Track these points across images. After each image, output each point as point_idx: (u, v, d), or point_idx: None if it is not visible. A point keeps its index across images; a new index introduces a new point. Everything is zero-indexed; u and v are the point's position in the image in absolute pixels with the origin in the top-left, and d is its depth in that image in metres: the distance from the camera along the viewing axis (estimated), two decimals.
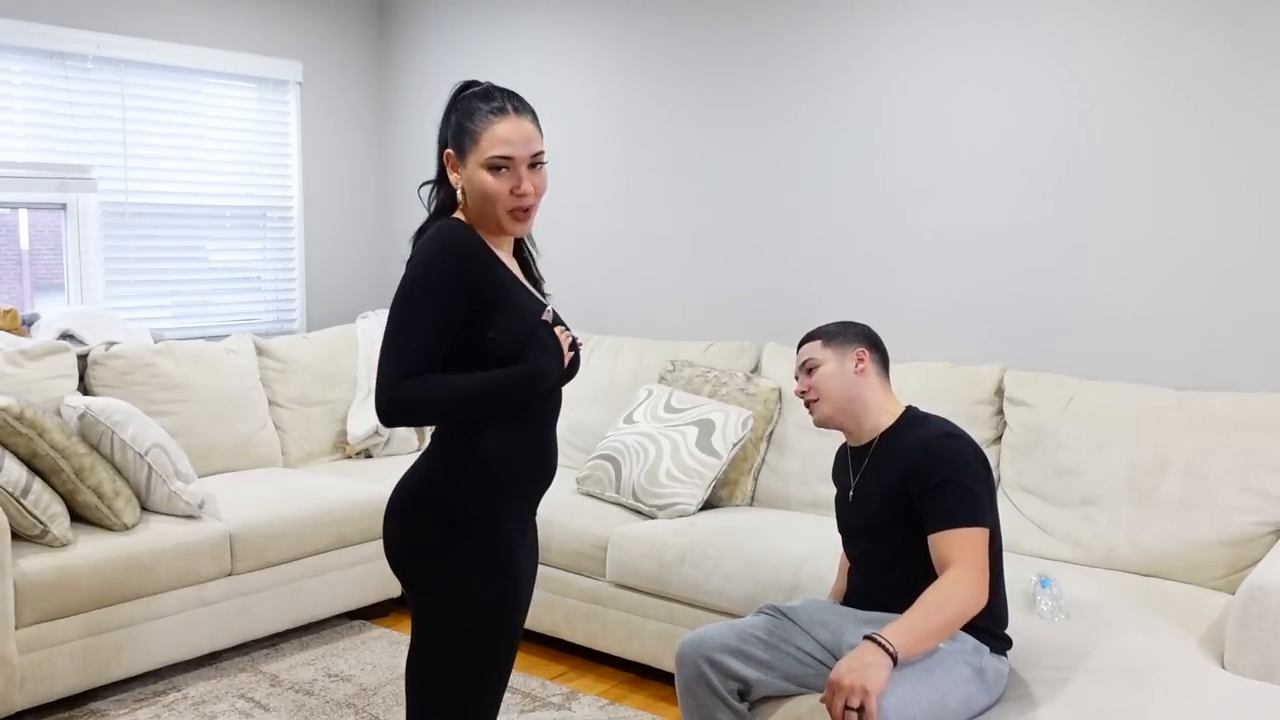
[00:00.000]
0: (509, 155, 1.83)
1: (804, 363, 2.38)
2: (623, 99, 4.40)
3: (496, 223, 1.88)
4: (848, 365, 2.33)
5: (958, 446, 2.17)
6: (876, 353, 2.37)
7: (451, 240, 1.82)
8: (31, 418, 3.07)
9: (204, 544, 3.33)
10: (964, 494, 2.11)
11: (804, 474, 3.56)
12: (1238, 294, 3.14)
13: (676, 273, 4.31)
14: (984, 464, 2.18)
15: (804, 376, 2.38)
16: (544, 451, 1.93)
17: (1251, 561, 2.80)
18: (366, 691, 3.28)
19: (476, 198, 1.86)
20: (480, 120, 1.84)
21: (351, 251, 5.19)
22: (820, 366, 2.34)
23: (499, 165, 1.83)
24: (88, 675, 3.09)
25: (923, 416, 2.31)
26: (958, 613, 2.02)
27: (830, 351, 2.35)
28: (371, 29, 5.19)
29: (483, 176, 1.84)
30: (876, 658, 1.93)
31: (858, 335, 2.37)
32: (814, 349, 2.38)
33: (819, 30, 3.86)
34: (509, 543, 1.87)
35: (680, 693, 2.31)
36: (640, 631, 3.28)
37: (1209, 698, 2.14)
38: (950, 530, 2.09)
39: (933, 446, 2.17)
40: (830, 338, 2.37)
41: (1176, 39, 3.17)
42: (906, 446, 2.22)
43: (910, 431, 2.26)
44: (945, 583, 2.05)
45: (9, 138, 4.00)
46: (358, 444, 4.36)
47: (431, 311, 1.78)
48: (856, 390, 2.32)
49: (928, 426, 2.24)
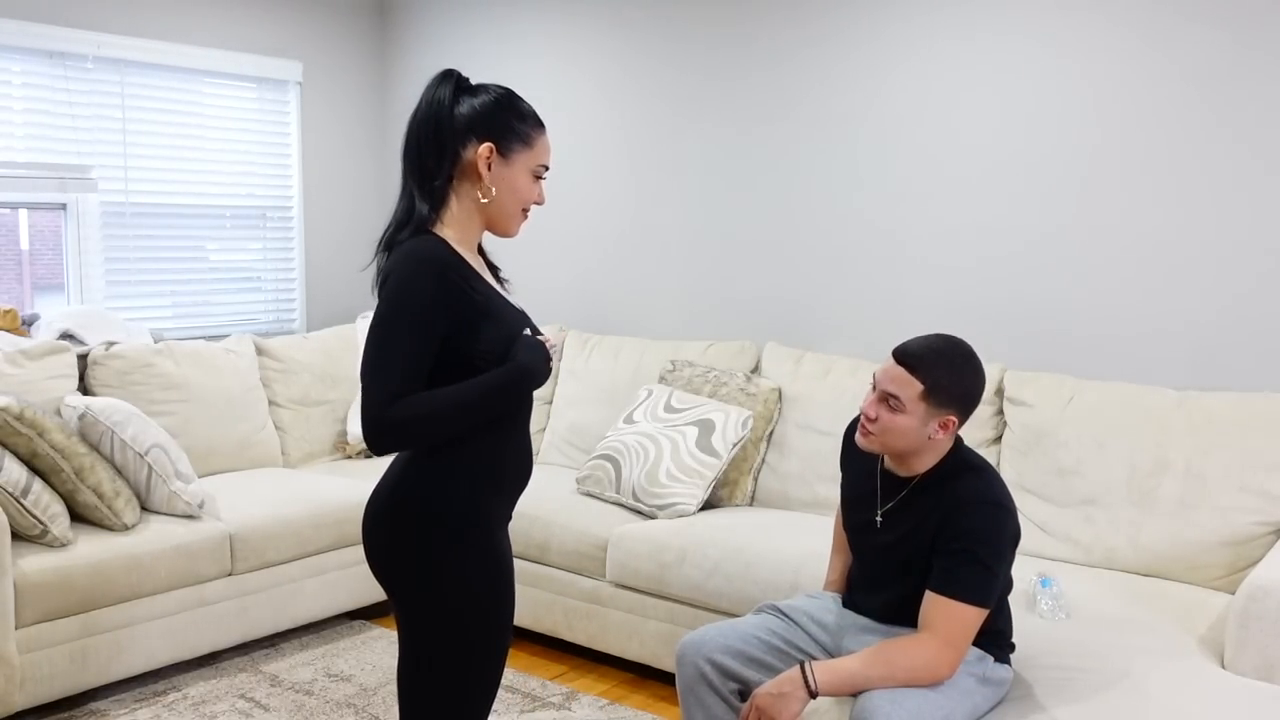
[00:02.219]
0: (550, 166, 1.92)
1: (889, 394, 2.08)
2: (622, 98, 4.40)
3: (505, 224, 1.92)
4: (928, 427, 2.08)
5: (997, 519, 2.03)
6: (964, 418, 2.11)
7: (429, 256, 1.78)
8: (31, 418, 3.07)
9: (204, 544, 3.33)
10: (980, 571, 2.01)
11: (804, 474, 3.56)
12: (1238, 294, 3.14)
13: (676, 273, 4.31)
14: (1015, 540, 2.07)
15: (879, 403, 2.10)
16: (523, 452, 1.94)
17: (1251, 561, 2.80)
18: (366, 691, 3.28)
19: (505, 196, 1.88)
20: (533, 126, 1.90)
21: (351, 251, 5.19)
22: (902, 414, 2.07)
23: (541, 173, 1.92)
24: (88, 675, 3.09)
25: (976, 467, 2.12)
26: (906, 678, 2.00)
27: (923, 408, 2.06)
28: (371, 29, 5.19)
29: (526, 179, 1.90)
30: (796, 691, 2.00)
31: (959, 399, 2.08)
32: (909, 390, 2.06)
33: (819, 30, 3.86)
34: (495, 543, 1.87)
35: (681, 693, 2.31)
36: (640, 631, 3.28)
37: (1209, 698, 2.14)
38: (948, 599, 2.02)
39: (978, 511, 2.03)
40: (932, 390, 2.05)
41: (1177, 39, 3.17)
42: (953, 497, 2.08)
43: (960, 482, 2.09)
44: (910, 645, 2.02)
45: (9, 138, 4.00)
46: (358, 444, 4.36)
47: (413, 331, 1.75)
48: (921, 447, 2.12)
49: (977, 482, 2.07)
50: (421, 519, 1.83)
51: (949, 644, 2.00)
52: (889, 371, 2.09)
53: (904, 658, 2.01)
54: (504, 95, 1.91)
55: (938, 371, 2.05)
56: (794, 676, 2.01)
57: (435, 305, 1.76)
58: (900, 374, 2.07)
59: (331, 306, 5.11)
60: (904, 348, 2.10)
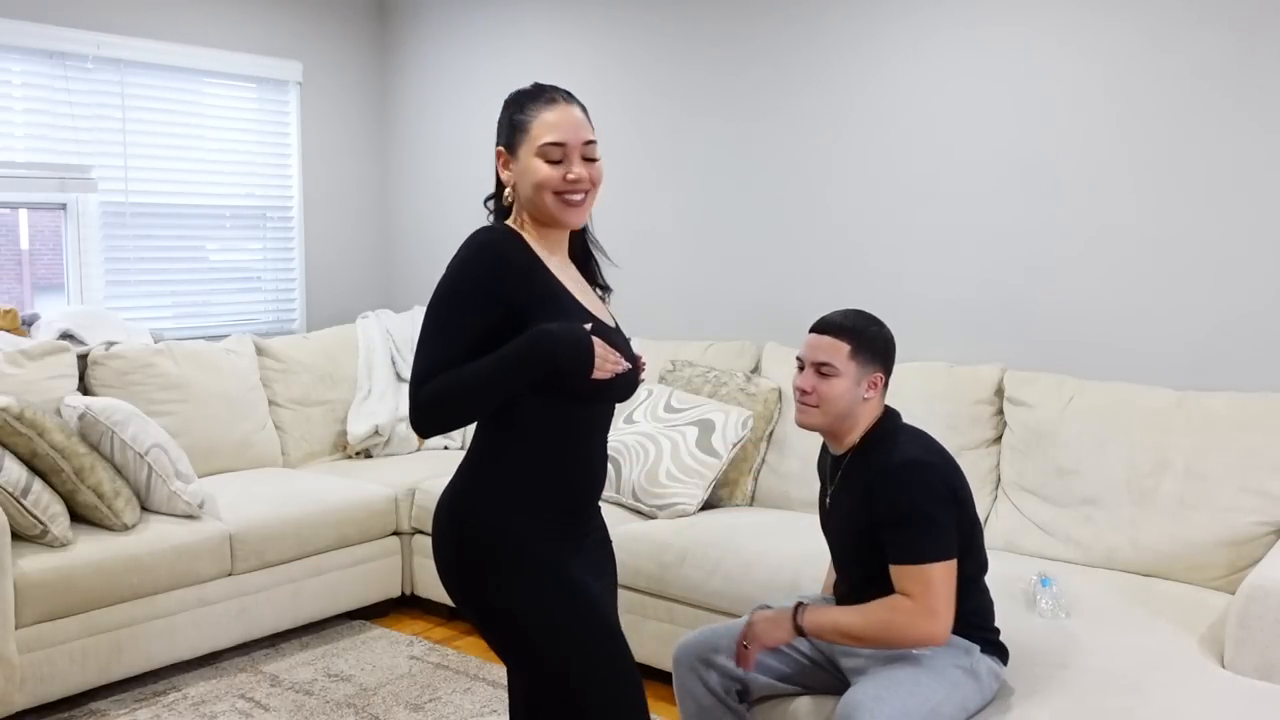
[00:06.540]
0: (560, 141, 1.82)
1: (820, 364, 2.17)
2: (623, 99, 4.40)
3: (548, 214, 1.85)
4: (861, 387, 2.16)
5: (920, 475, 2.06)
6: (888, 375, 2.21)
7: (483, 242, 1.79)
8: (31, 418, 3.07)
9: (204, 544, 3.33)
10: (924, 528, 2.03)
11: (804, 474, 3.56)
12: (1238, 294, 3.13)
13: (676, 273, 4.31)
14: (949, 486, 2.08)
15: (812, 375, 2.18)
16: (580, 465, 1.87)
17: (1251, 561, 2.80)
18: (366, 691, 3.28)
19: (528, 189, 1.84)
20: (530, 111, 1.85)
21: (351, 251, 5.19)
22: (836, 377, 2.15)
23: (552, 152, 1.82)
24: (88, 675, 3.09)
25: (894, 430, 2.18)
26: (885, 633, 2.03)
27: (854, 366, 2.15)
28: (371, 29, 5.19)
29: (535, 165, 1.82)
30: (785, 623, 2.15)
31: (881, 354, 2.18)
32: (838, 353, 2.15)
33: (819, 30, 3.86)
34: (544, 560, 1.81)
35: (678, 695, 2.31)
36: (640, 631, 3.28)
37: (1209, 698, 2.14)
38: (911, 566, 2.03)
39: (895, 477, 2.07)
40: (859, 348, 2.15)
41: (1178, 39, 3.17)
42: (874, 466, 2.13)
43: (880, 449, 2.15)
44: (891, 605, 2.04)
45: (9, 138, 4.00)
46: (358, 444, 4.36)
47: (458, 317, 1.75)
48: (856, 409, 2.17)
49: (894, 448, 2.12)
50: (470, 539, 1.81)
51: (928, 608, 2.01)
52: (815, 342, 2.18)
53: (889, 621, 2.03)
54: (508, 98, 1.91)
55: (859, 331, 2.17)
56: (786, 611, 2.16)
57: (481, 290, 1.76)
58: (826, 340, 2.17)
59: (331, 306, 5.11)
60: (822, 320, 2.21)
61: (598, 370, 1.78)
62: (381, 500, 3.84)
